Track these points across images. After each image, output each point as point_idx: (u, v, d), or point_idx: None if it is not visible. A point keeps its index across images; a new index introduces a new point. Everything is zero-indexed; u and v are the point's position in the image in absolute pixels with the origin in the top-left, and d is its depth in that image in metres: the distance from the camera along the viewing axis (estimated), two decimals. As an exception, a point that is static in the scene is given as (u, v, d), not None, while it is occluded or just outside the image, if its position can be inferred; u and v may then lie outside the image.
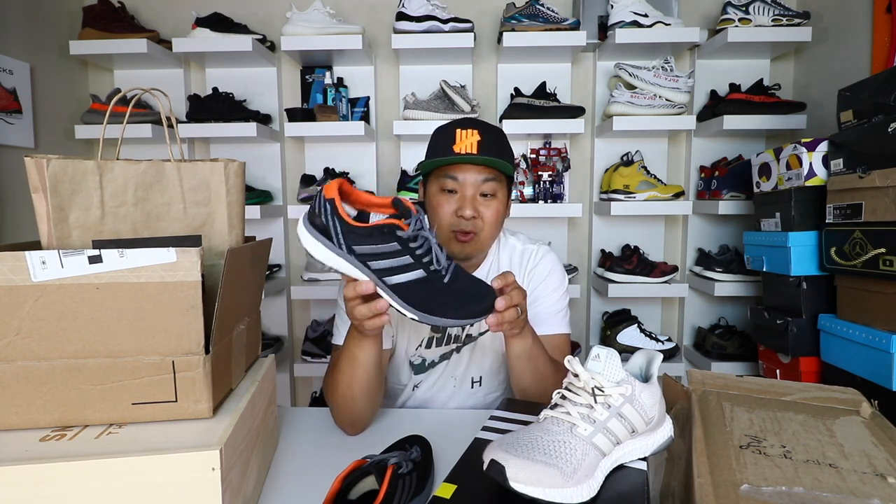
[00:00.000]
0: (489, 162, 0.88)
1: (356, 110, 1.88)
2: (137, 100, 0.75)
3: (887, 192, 1.10)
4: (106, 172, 0.59)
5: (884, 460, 0.51)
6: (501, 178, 0.92)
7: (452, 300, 0.63)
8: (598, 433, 0.53)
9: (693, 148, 1.89)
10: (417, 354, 1.00)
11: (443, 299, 0.63)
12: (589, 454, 0.51)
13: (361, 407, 0.83)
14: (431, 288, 0.63)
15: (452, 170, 0.89)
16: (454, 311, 0.62)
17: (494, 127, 0.93)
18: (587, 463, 0.51)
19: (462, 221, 0.89)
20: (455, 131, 0.88)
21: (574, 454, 0.50)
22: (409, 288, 0.63)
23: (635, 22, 1.69)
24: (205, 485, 0.49)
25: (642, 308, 2.00)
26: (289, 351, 2.01)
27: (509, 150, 0.95)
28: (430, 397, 1.03)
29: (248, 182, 1.93)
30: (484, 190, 0.90)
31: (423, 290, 0.63)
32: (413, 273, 0.63)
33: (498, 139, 0.92)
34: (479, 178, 0.89)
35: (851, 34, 1.59)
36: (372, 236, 0.62)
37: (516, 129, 1.73)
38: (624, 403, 0.54)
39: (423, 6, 1.69)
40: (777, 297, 1.49)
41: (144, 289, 0.53)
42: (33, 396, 0.52)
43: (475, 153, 0.87)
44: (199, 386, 0.55)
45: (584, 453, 0.51)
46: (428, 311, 0.62)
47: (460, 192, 0.90)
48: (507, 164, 0.89)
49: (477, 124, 0.90)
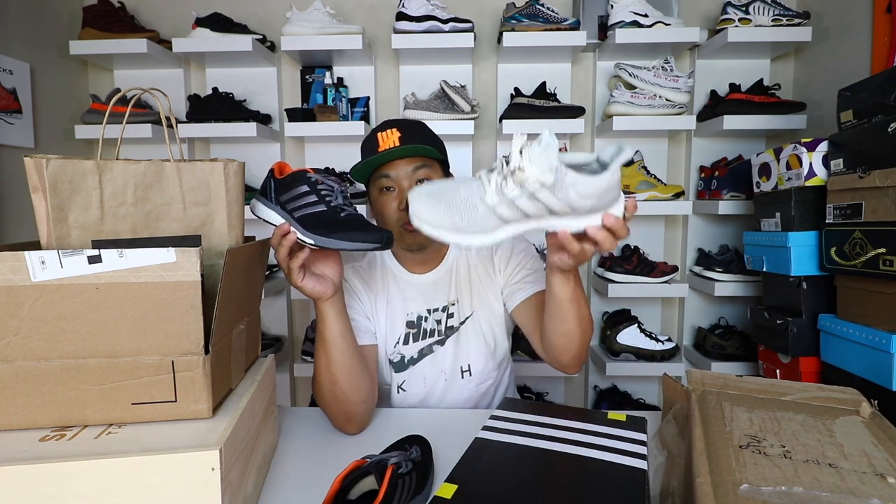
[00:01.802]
0: (413, 150, 0.92)
1: (356, 110, 1.88)
2: (137, 100, 0.75)
3: (887, 192, 1.10)
4: (105, 172, 0.59)
5: (883, 460, 0.51)
6: (433, 163, 0.96)
7: (345, 229, 0.73)
8: (503, 205, 0.60)
9: (693, 148, 1.89)
10: (396, 352, 1.01)
11: (337, 227, 0.73)
12: (490, 218, 0.60)
13: (348, 393, 0.83)
14: (329, 219, 0.74)
15: (384, 169, 0.94)
16: (345, 237, 0.72)
17: (415, 121, 0.99)
18: (485, 224, 0.60)
19: (405, 214, 0.93)
20: (377, 136, 0.94)
21: (475, 213, 0.60)
22: (310, 219, 0.74)
23: (635, 22, 1.69)
24: (205, 485, 0.49)
25: (642, 308, 2.00)
26: (289, 351, 2.01)
27: (433, 136, 1.00)
28: (424, 396, 1.03)
29: (248, 182, 1.93)
30: (418, 177, 0.94)
31: (321, 220, 0.74)
32: (316, 207, 0.75)
33: (419, 129, 0.97)
34: (409, 168, 0.93)
35: (851, 34, 1.59)
36: (291, 184, 0.76)
37: (516, 129, 1.73)
38: (541, 189, 0.59)
39: (423, 6, 1.69)
40: (777, 297, 1.49)
41: (144, 289, 0.53)
42: (33, 396, 0.52)
43: (397, 146, 0.92)
44: (198, 386, 0.55)
45: (485, 216, 0.60)
46: (322, 235, 0.72)
47: (397, 186, 0.94)
48: (430, 149, 0.93)
49: (395, 123, 0.95)
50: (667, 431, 0.68)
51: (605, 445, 0.60)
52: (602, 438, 0.61)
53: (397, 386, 1.02)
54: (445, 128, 1.69)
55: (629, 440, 0.61)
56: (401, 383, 1.02)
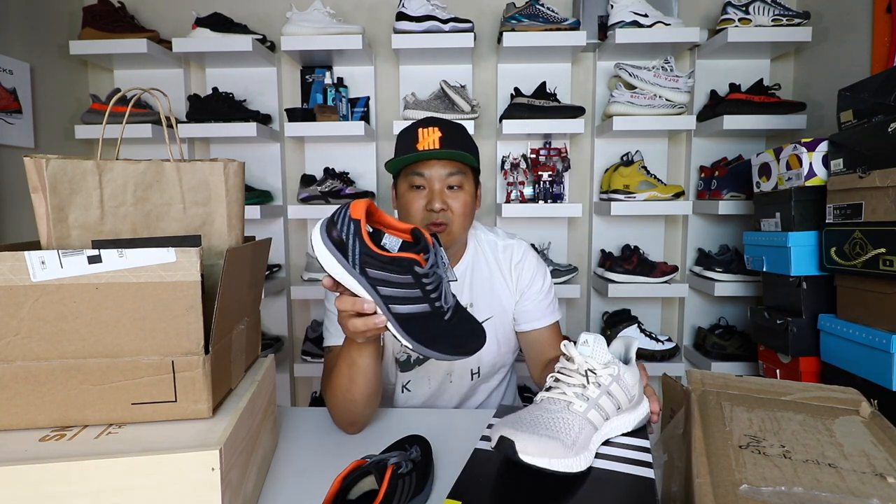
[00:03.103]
0: (451, 155, 0.92)
1: (356, 110, 1.88)
2: (137, 100, 0.75)
3: (887, 192, 1.10)
4: (105, 172, 0.59)
5: (883, 460, 0.51)
6: (466, 170, 0.96)
7: (449, 337, 0.66)
8: (592, 409, 0.59)
9: (693, 148, 1.89)
10: (402, 351, 1.01)
11: (441, 335, 0.65)
12: (585, 428, 0.57)
13: (361, 408, 0.83)
14: (432, 323, 0.65)
15: (419, 167, 0.94)
16: (449, 348, 0.65)
17: (456, 123, 0.98)
18: (584, 436, 0.56)
19: (432, 214, 0.94)
20: (417, 131, 0.93)
21: (572, 428, 0.56)
22: (411, 319, 0.65)
23: (635, 22, 1.69)
24: (204, 485, 0.48)
25: (642, 308, 2.00)
26: (289, 351, 2.01)
27: (472, 143, 0.99)
28: (428, 397, 1.03)
29: (248, 182, 1.93)
30: (450, 183, 0.94)
31: (424, 323, 0.65)
32: (418, 306, 0.65)
33: (459, 134, 0.96)
34: (444, 171, 0.94)
35: (851, 34, 1.59)
36: (391, 265, 0.63)
37: (516, 129, 1.73)
38: (612, 382, 0.61)
39: (423, 6, 1.69)
40: (777, 297, 1.49)
41: (144, 289, 0.53)
42: (33, 396, 0.52)
43: (438, 148, 0.91)
44: (198, 386, 0.55)
45: (580, 427, 0.57)
46: (424, 344, 0.64)
47: (428, 186, 0.94)
48: (469, 157, 0.93)
49: (438, 122, 0.94)
50: (669, 435, 0.68)
51: (609, 454, 0.59)
52: (604, 446, 0.61)
53: (402, 385, 1.02)
54: (445, 128, 1.69)
55: (633, 447, 0.61)
56: (406, 383, 1.02)
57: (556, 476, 0.53)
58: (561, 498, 0.52)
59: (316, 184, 1.82)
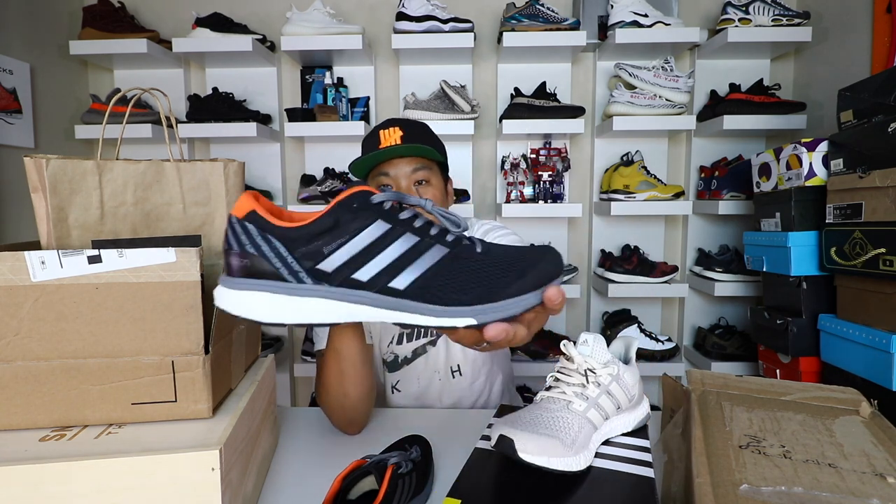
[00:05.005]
0: (413, 150, 0.92)
1: (356, 110, 1.88)
2: (137, 100, 0.75)
3: (887, 192, 1.10)
4: (105, 172, 0.59)
5: (883, 460, 0.51)
6: (432, 165, 0.97)
7: (509, 272, 0.39)
8: (591, 408, 0.59)
9: (693, 148, 1.89)
10: (389, 351, 1.01)
11: (497, 276, 0.39)
12: (584, 427, 0.57)
13: (355, 404, 0.82)
14: (468, 266, 0.39)
15: (384, 167, 0.94)
16: (522, 284, 0.39)
17: (417, 122, 0.98)
18: (583, 435, 0.56)
19: None
20: (379, 133, 0.94)
21: (571, 427, 0.56)
22: (434, 279, 0.38)
23: (635, 22, 1.69)
24: (204, 485, 0.48)
25: (642, 308, 2.00)
26: (289, 351, 2.01)
27: (435, 139, 1.00)
28: (419, 396, 1.03)
29: (248, 182, 1.93)
30: (417, 178, 0.95)
31: (459, 273, 0.39)
32: (430, 255, 0.39)
33: (421, 130, 0.96)
34: (409, 168, 0.94)
35: (851, 34, 1.59)
36: (337, 227, 0.38)
37: (516, 129, 1.73)
38: (612, 382, 0.61)
39: (423, 6, 1.69)
40: (777, 297, 1.49)
41: (144, 289, 0.53)
42: (33, 396, 0.52)
43: (399, 145, 0.92)
44: (198, 386, 0.55)
45: (580, 426, 0.57)
46: (487, 299, 0.38)
47: (395, 185, 0.94)
48: (430, 150, 0.93)
49: (398, 122, 0.95)
50: (669, 435, 0.68)
51: (609, 454, 0.59)
52: (604, 446, 0.61)
53: (391, 386, 1.02)
54: (445, 128, 1.69)
55: (633, 447, 0.61)
56: (395, 383, 1.02)
57: (556, 475, 0.53)
58: (561, 497, 0.51)
59: (316, 184, 1.82)
